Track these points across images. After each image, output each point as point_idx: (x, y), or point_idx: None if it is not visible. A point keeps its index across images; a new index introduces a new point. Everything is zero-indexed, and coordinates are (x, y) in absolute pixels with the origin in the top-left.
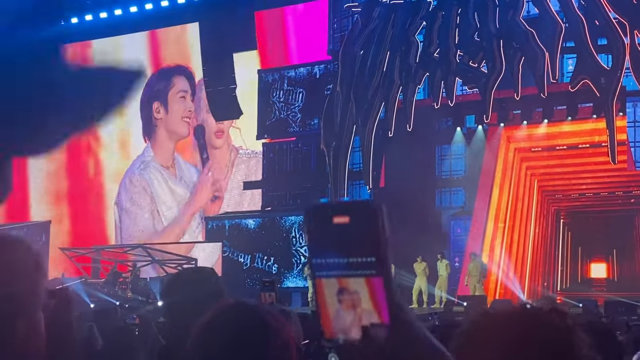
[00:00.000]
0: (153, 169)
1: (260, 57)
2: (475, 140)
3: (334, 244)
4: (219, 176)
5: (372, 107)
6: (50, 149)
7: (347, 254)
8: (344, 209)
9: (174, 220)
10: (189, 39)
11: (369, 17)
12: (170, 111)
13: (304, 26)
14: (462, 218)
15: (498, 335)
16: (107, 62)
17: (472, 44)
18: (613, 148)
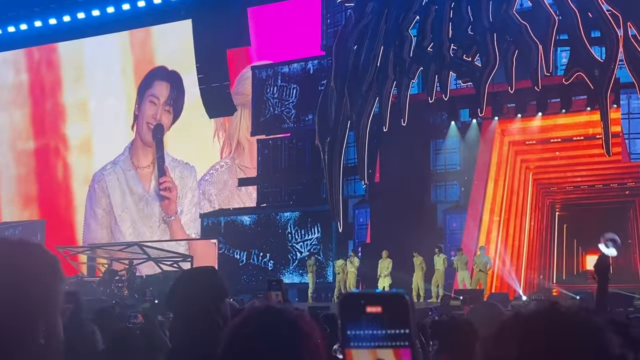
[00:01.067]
0: (119, 169)
1: (253, 54)
2: (469, 134)
3: (368, 329)
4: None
5: (366, 102)
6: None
7: (381, 339)
8: (375, 300)
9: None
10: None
11: (362, 12)
12: (141, 111)
13: (297, 22)
14: (458, 212)
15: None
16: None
17: (465, 38)
18: (607, 140)
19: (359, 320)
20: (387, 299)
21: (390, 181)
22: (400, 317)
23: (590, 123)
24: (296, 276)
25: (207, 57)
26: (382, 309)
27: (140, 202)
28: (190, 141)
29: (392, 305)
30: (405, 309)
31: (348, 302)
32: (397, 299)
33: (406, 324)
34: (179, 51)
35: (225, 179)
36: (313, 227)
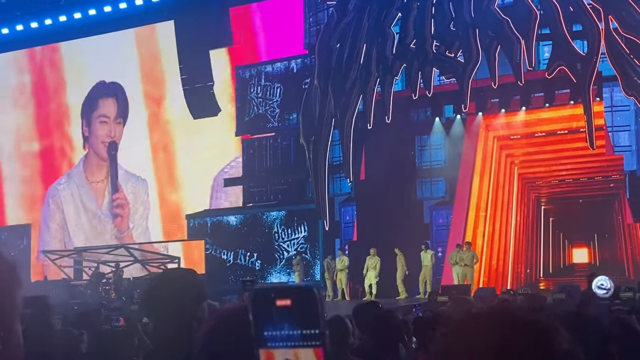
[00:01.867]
0: (73, 185)
1: (236, 54)
2: (454, 129)
3: (279, 321)
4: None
5: (350, 100)
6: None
7: (293, 329)
8: (285, 293)
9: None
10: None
11: (345, 10)
12: (91, 132)
13: (280, 21)
14: (444, 208)
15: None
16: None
17: (448, 34)
18: (591, 133)
19: (270, 314)
20: (296, 292)
21: (375, 178)
22: (309, 311)
23: (573, 117)
24: (284, 275)
25: (190, 57)
26: (292, 302)
27: (93, 218)
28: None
29: (301, 298)
30: (313, 302)
31: (259, 297)
32: (306, 293)
33: (315, 318)
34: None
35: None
36: (299, 226)
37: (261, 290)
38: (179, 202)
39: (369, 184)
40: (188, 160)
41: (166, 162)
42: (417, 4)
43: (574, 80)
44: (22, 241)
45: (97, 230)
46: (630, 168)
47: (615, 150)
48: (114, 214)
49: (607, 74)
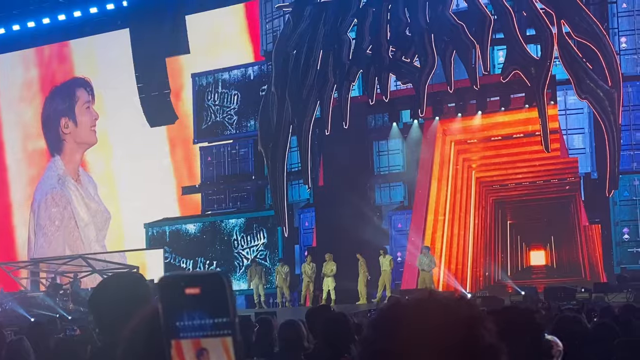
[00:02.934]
0: (70, 184)
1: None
2: (411, 134)
3: (189, 311)
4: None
5: (307, 106)
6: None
7: (203, 318)
8: (194, 281)
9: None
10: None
11: (300, 16)
12: (79, 124)
13: (236, 28)
14: (403, 213)
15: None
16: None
17: (403, 39)
18: (546, 136)
19: (180, 303)
20: (204, 279)
21: (334, 184)
22: (218, 298)
23: (529, 120)
24: (244, 283)
25: (146, 66)
26: (201, 290)
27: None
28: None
29: (210, 286)
30: (222, 289)
31: (167, 286)
32: (215, 279)
33: (225, 305)
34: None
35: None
36: (259, 233)
37: (169, 279)
38: (139, 210)
39: (328, 190)
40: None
41: (126, 169)
42: (373, 10)
43: (529, 84)
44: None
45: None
46: (585, 170)
47: (570, 153)
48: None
49: (561, 77)
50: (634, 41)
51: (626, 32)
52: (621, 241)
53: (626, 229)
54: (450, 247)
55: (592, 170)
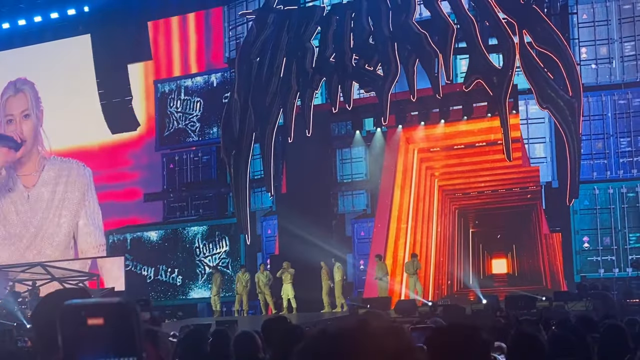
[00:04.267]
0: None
1: (155, 68)
2: (374, 142)
3: (92, 345)
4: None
5: (270, 114)
6: None
7: (106, 355)
8: (97, 310)
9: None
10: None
11: (264, 23)
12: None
13: (199, 35)
14: (365, 221)
15: None
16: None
17: (367, 47)
18: (508, 145)
19: (82, 335)
20: (109, 308)
21: (297, 192)
22: (124, 331)
23: (491, 129)
24: (205, 291)
25: (108, 72)
26: (105, 320)
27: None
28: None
29: (114, 316)
30: (129, 321)
31: (68, 315)
32: (121, 310)
33: (132, 341)
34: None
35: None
36: (221, 241)
37: (70, 307)
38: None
39: (291, 197)
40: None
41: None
42: (336, 18)
43: (491, 93)
44: None
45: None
46: (546, 179)
47: (531, 162)
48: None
49: (523, 87)
50: (594, 52)
51: (586, 42)
52: (581, 250)
53: (586, 237)
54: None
55: (553, 179)
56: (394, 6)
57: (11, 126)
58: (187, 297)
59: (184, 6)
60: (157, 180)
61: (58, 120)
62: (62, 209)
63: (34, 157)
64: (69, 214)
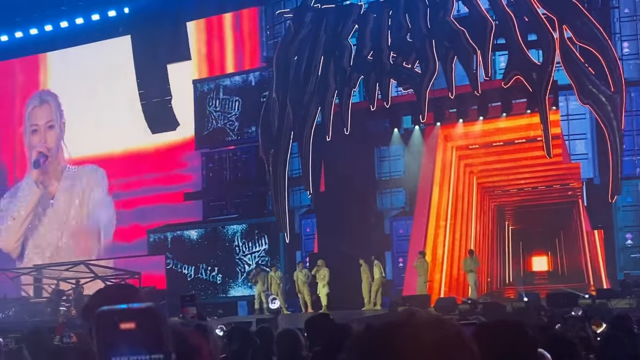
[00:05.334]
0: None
1: (194, 67)
2: (413, 140)
3: (124, 345)
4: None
5: (308, 112)
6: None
7: (138, 353)
8: (129, 315)
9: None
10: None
11: (301, 22)
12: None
13: (237, 34)
14: (404, 219)
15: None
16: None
17: (404, 44)
18: (548, 142)
19: (115, 338)
20: (139, 313)
21: (335, 190)
22: (154, 333)
23: (530, 126)
24: (245, 289)
25: (148, 72)
26: (136, 324)
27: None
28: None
29: (145, 320)
30: (158, 323)
31: (102, 320)
32: (150, 314)
33: (160, 340)
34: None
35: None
36: (260, 239)
37: (104, 313)
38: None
39: (329, 195)
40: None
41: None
42: (374, 16)
43: (530, 90)
44: None
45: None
46: (587, 176)
47: (572, 159)
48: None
49: (563, 82)
50: (636, 46)
51: (628, 37)
52: (624, 247)
53: (629, 234)
54: (451, 253)
55: (594, 175)
56: (431, 3)
57: (36, 136)
58: (227, 295)
59: (222, 6)
60: (196, 179)
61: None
62: (83, 213)
63: (54, 167)
64: (91, 216)
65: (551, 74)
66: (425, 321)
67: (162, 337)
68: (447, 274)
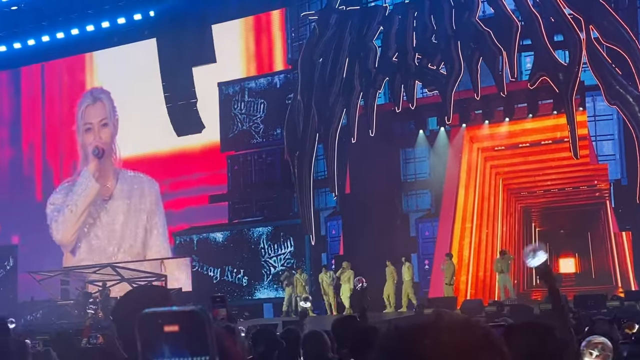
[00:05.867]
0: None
1: (219, 70)
2: (438, 141)
3: (168, 347)
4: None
5: (333, 114)
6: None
7: (182, 355)
8: (173, 318)
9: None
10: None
11: (326, 24)
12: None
13: (262, 36)
14: (430, 220)
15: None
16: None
17: (429, 46)
18: (575, 143)
19: (159, 341)
20: (183, 316)
21: (361, 192)
22: (198, 335)
23: (557, 127)
24: (271, 291)
25: (173, 75)
26: (180, 327)
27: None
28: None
29: (189, 323)
30: (202, 326)
31: (146, 323)
32: (194, 317)
33: (204, 343)
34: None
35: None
36: (286, 242)
37: (147, 316)
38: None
39: (355, 197)
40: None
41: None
42: (399, 17)
43: (557, 90)
44: (8, 262)
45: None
46: (615, 177)
47: (599, 160)
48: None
49: (590, 83)
50: None
51: None
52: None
53: None
54: (477, 255)
55: (622, 176)
56: (456, 4)
57: (89, 135)
58: (253, 298)
59: (246, 9)
60: (222, 182)
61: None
62: (137, 221)
63: (108, 167)
64: (142, 226)
65: (578, 74)
66: (454, 322)
67: (206, 339)
68: (473, 276)
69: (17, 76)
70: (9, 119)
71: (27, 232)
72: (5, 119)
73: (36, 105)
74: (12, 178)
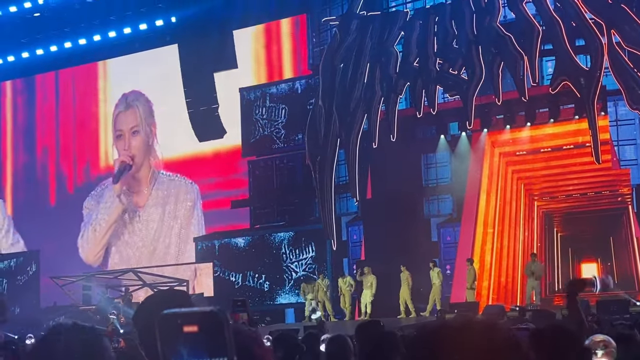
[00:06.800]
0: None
1: (241, 75)
2: (459, 147)
3: (187, 348)
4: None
5: (354, 120)
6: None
7: (201, 356)
8: (192, 319)
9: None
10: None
11: (348, 29)
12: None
13: (283, 42)
14: (451, 225)
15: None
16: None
17: (451, 51)
18: (597, 148)
19: (178, 341)
20: (202, 317)
21: (382, 197)
22: (217, 337)
23: (579, 131)
24: (292, 296)
25: (194, 81)
26: (199, 328)
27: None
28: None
29: (208, 324)
30: (220, 327)
31: (165, 323)
32: (213, 318)
33: (223, 344)
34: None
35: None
36: (307, 247)
37: (167, 316)
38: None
39: (376, 203)
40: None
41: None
42: (420, 22)
43: (578, 95)
44: (31, 267)
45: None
46: (637, 182)
47: (621, 164)
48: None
49: (611, 88)
50: None
51: None
52: None
53: None
54: (499, 260)
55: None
56: (477, 9)
57: (120, 141)
58: (275, 303)
59: (268, 14)
60: (243, 187)
61: None
62: (172, 229)
63: (144, 172)
64: (178, 233)
65: (599, 79)
66: (480, 325)
67: (224, 341)
68: (495, 281)
69: (31, 83)
70: (24, 126)
71: (48, 238)
72: (20, 126)
73: (50, 111)
74: (27, 184)
